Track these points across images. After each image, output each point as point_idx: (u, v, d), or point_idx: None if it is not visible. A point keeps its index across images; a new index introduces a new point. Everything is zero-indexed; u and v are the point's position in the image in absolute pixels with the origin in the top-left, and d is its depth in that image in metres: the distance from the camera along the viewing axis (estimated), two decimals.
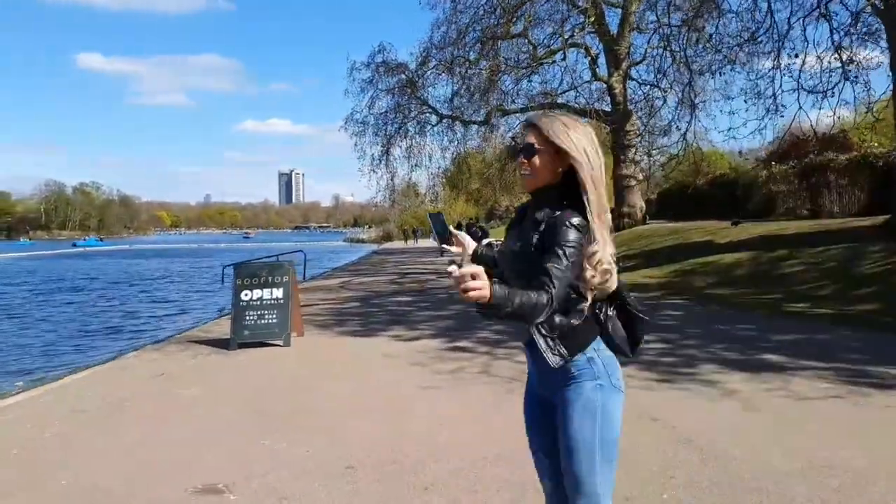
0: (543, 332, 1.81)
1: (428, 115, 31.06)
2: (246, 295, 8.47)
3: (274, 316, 8.39)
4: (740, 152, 30.06)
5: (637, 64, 28.31)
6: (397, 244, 50.59)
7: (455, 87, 27.52)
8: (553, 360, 1.81)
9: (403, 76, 29.42)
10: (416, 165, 31.31)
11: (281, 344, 8.21)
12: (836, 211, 20.00)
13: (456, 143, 30.74)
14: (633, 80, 28.20)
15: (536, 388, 2.00)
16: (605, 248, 1.77)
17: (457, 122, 30.28)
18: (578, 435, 1.82)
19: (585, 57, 27.49)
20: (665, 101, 24.24)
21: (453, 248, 2.17)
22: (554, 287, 1.66)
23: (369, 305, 12.23)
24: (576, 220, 1.74)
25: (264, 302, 8.46)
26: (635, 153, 27.09)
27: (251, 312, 8.38)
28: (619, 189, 28.63)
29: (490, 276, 1.58)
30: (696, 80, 21.66)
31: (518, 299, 1.60)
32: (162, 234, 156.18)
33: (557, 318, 1.80)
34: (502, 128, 30.31)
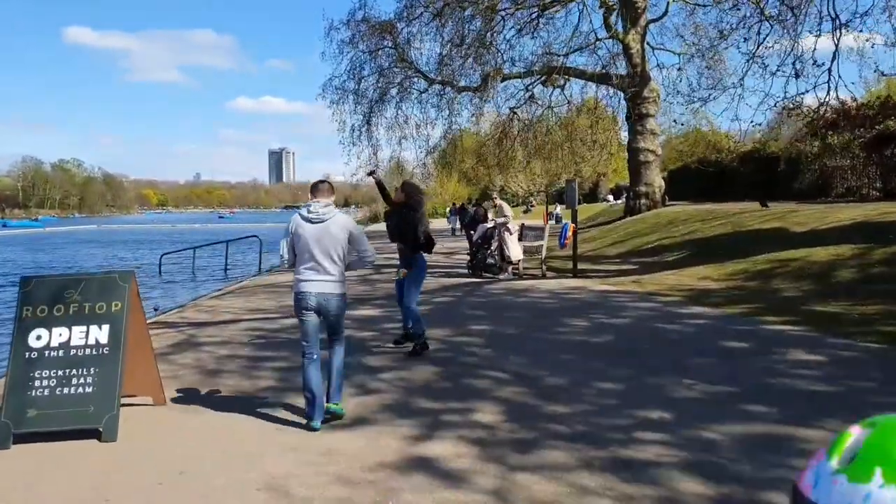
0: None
1: (415, 79, 26.84)
2: (39, 338, 4.52)
3: (89, 378, 4.45)
4: (771, 125, 25.99)
5: (657, 21, 24.20)
6: (383, 226, 46.35)
7: (446, 38, 23.10)
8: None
9: (388, 34, 25.20)
10: (402, 138, 27.31)
11: (101, 432, 4.28)
12: None
13: (447, 112, 26.52)
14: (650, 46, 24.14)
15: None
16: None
17: (448, 89, 26.04)
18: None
19: (600, 7, 23.25)
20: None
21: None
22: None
23: None
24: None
25: (72, 352, 4.50)
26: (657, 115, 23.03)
27: (45, 372, 4.43)
28: (636, 165, 24.44)
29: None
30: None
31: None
32: (145, 214, 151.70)
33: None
34: (500, 97, 26.10)
